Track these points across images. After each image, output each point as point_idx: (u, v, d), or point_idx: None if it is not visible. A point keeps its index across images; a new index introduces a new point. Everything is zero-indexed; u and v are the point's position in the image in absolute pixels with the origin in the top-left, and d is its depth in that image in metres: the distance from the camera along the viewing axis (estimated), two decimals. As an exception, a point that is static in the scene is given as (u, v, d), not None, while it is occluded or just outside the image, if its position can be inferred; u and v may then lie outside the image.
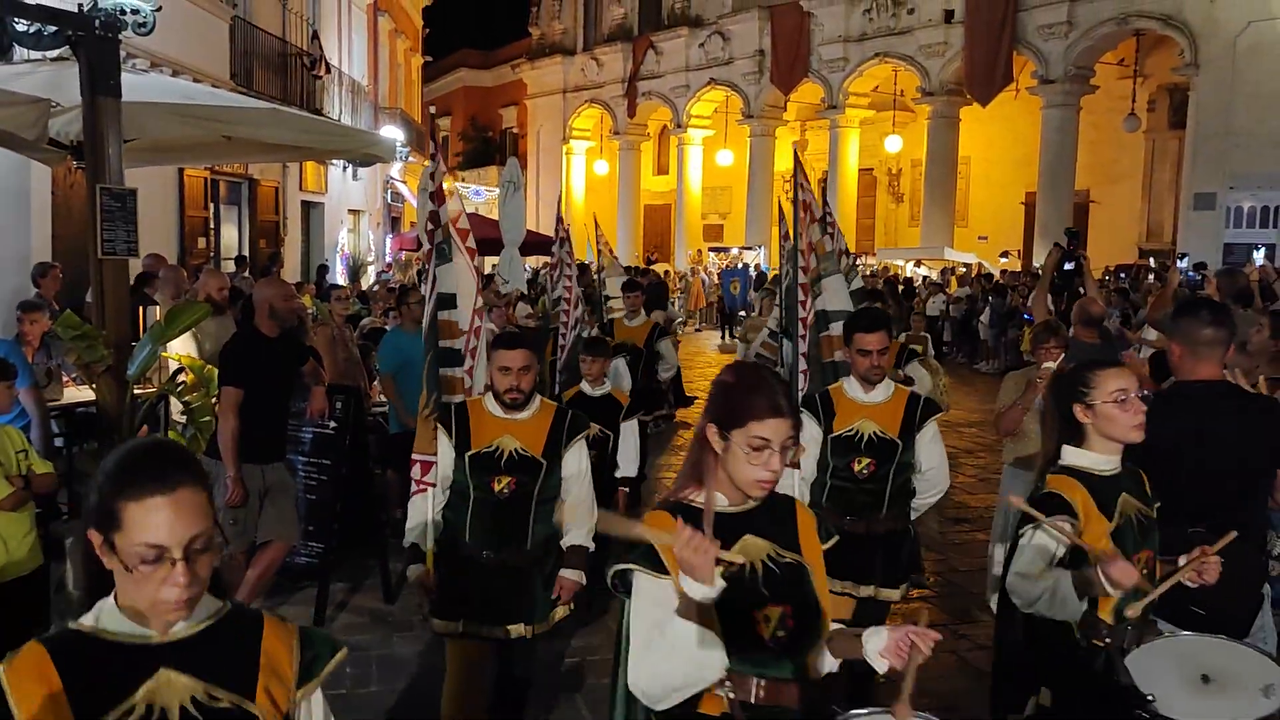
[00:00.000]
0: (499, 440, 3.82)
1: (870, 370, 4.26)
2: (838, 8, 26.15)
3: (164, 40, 10.12)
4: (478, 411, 3.90)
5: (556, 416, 3.95)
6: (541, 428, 3.90)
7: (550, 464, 3.86)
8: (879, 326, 4.29)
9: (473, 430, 3.84)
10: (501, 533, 3.88)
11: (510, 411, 3.85)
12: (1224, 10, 18.63)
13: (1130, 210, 24.72)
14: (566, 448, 3.91)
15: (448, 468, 3.91)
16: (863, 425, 4.26)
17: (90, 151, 6.00)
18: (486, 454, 3.81)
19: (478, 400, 4.02)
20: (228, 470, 5.27)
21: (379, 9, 27.66)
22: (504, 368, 3.81)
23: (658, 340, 8.55)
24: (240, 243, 18.34)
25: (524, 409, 3.87)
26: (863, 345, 4.25)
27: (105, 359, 5.90)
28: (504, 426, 3.85)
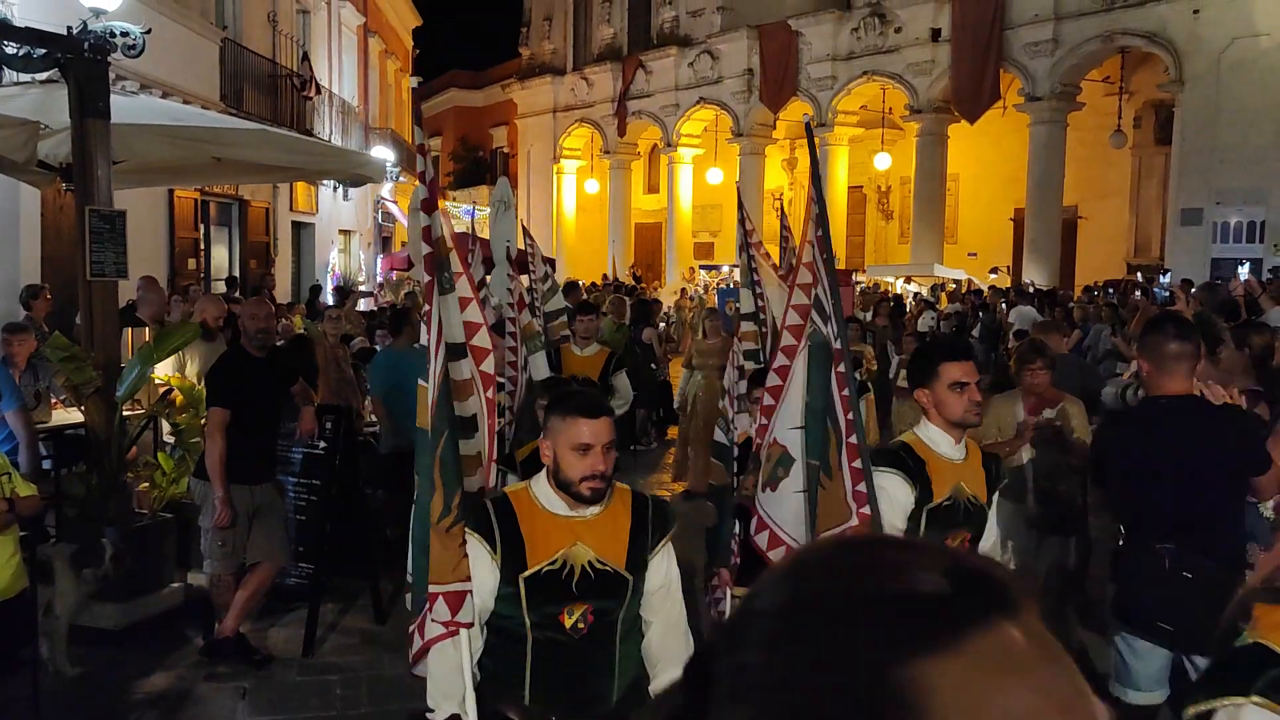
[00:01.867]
0: (567, 551, 2.76)
1: (969, 410, 3.31)
2: (825, 27, 26.32)
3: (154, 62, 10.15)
4: (528, 510, 2.81)
5: (636, 507, 2.90)
6: (620, 525, 2.85)
7: (636, 578, 2.83)
8: (969, 353, 3.51)
9: (528, 539, 2.76)
10: (576, 687, 2.81)
11: (580, 507, 2.79)
12: (1208, 27, 18.80)
13: (1118, 226, 24.85)
14: (653, 551, 2.88)
15: (489, 597, 2.79)
16: (958, 490, 3.37)
17: (79, 173, 6.01)
18: (551, 573, 2.74)
19: (521, 491, 2.88)
20: (215, 491, 5.26)
21: (369, 30, 27.76)
22: (582, 445, 2.74)
23: (613, 372, 7.35)
24: (231, 264, 18.32)
25: (600, 501, 2.81)
26: (956, 377, 3.29)
27: (94, 381, 5.89)
28: (571, 530, 2.79)
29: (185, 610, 6.13)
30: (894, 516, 3.30)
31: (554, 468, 2.78)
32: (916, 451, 3.38)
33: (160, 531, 6.26)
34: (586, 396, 2.98)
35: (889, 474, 3.34)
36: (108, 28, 6.14)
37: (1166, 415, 3.58)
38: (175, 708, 5.06)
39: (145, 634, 5.79)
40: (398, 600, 6.46)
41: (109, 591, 5.55)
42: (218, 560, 5.46)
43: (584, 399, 2.90)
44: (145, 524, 6.19)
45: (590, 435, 2.73)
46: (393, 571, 6.81)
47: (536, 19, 36.51)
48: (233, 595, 5.49)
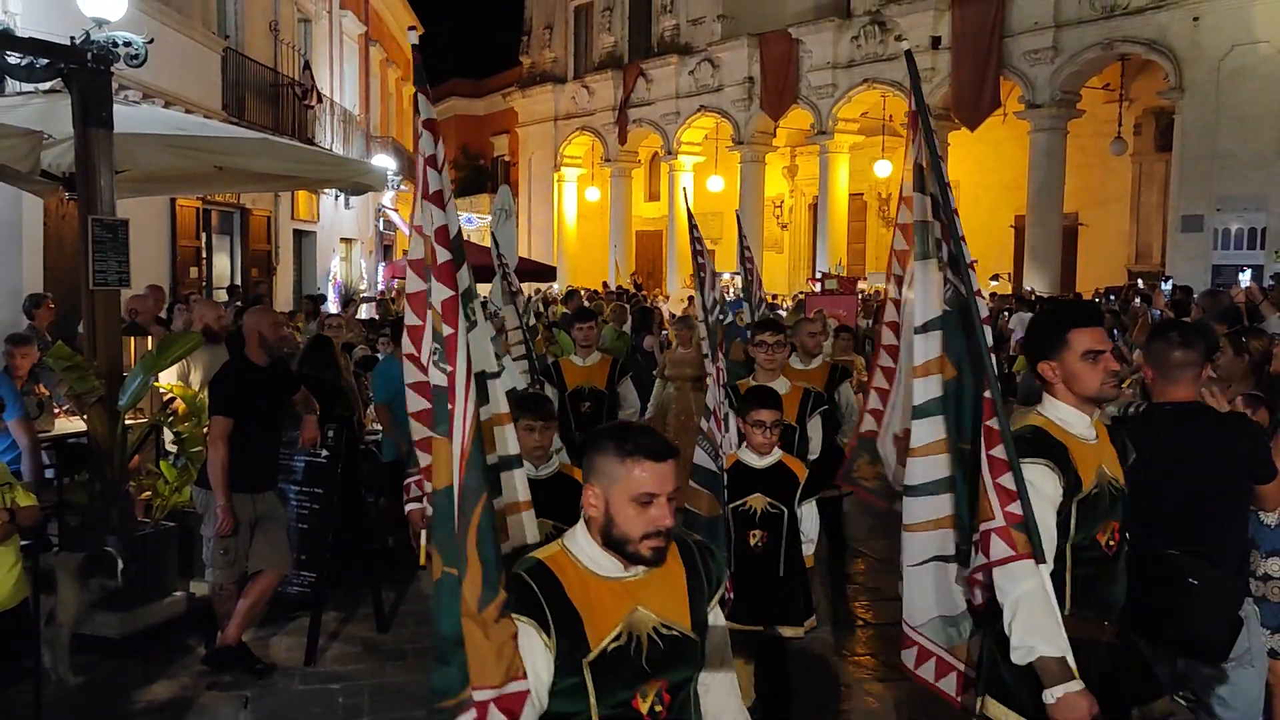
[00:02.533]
0: (628, 620, 2.30)
1: (1106, 383, 2.97)
2: (826, 35, 26.37)
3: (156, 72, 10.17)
4: (575, 577, 2.31)
5: (685, 554, 2.43)
6: (675, 578, 2.40)
7: (701, 639, 2.42)
8: (1100, 317, 3.19)
9: (584, 614, 2.27)
10: None
11: (634, 566, 2.32)
12: (1208, 35, 18.82)
13: (1119, 233, 24.85)
14: (711, 605, 2.46)
15: (544, 694, 2.28)
16: (1101, 475, 2.99)
17: (82, 183, 6.03)
18: (618, 650, 2.27)
19: (558, 555, 2.37)
20: (217, 499, 5.27)
21: (370, 39, 27.84)
22: (645, 495, 2.24)
23: (619, 380, 7.05)
24: (232, 272, 18.35)
25: (662, 561, 2.34)
26: (1088, 345, 2.95)
27: (96, 390, 5.90)
28: (628, 593, 2.32)
29: (187, 619, 6.13)
30: (1045, 514, 2.87)
31: (605, 522, 2.27)
32: (1053, 436, 2.96)
33: (162, 540, 6.27)
34: (651, 435, 2.34)
35: (1034, 464, 2.90)
36: (110, 38, 6.16)
37: (1172, 422, 3.58)
38: (177, 717, 5.05)
39: (147, 643, 5.79)
40: (400, 609, 6.48)
41: (111, 600, 5.55)
42: (220, 569, 5.46)
43: (648, 437, 2.30)
44: (147, 533, 6.19)
45: (656, 483, 2.22)
46: (394, 580, 6.84)
47: (537, 27, 36.59)
48: (235, 604, 5.50)
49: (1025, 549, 2.81)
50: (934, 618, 3.32)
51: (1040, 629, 2.78)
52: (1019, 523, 2.81)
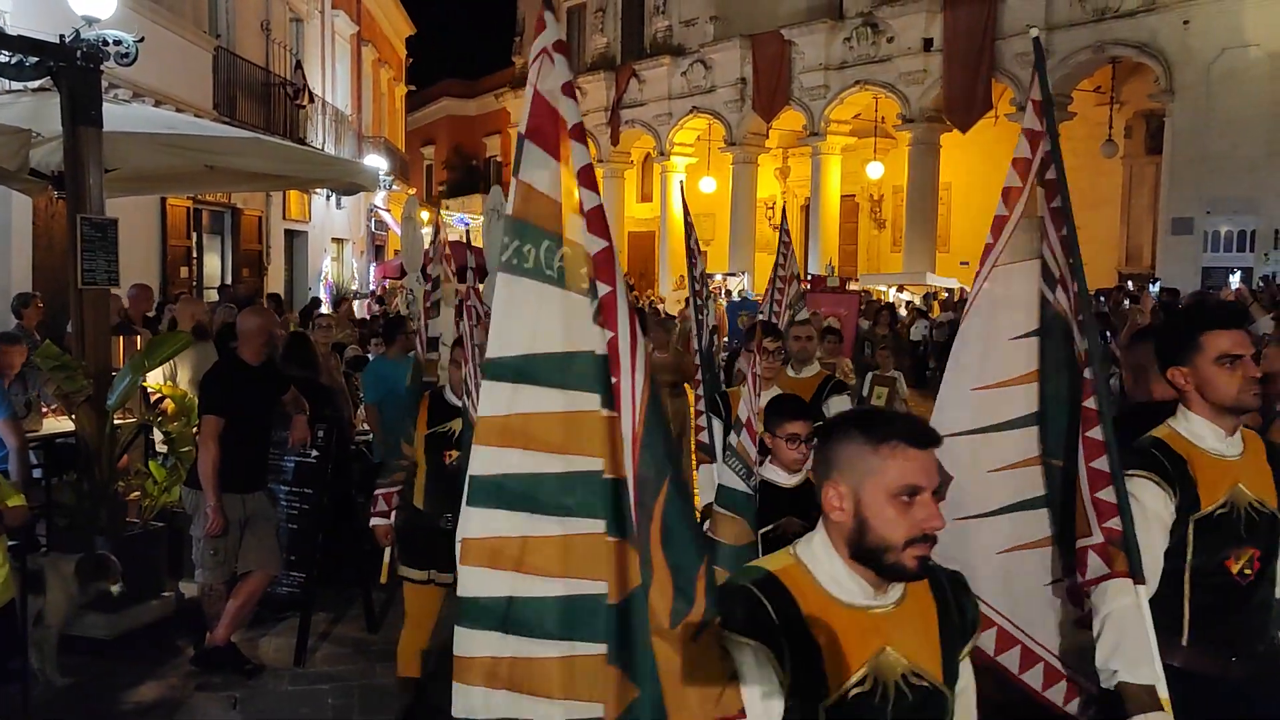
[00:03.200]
0: (875, 663, 1.91)
1: (1245, 391, 2.70)
2: (818, 36, 26.40)
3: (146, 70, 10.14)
4: (816, 601, 1.91)
5: (935, 586, 2.02)
6: (926, 615, 2.00)
7: (951, 694, 2.02)
8: (1241, 319, 2.89)
9: (825, 649, 1.88)
10: None
11: (881, 589, 1.94)
12: (1198, 38, 18.90)
13: (1109, 235, 24.93)
14: (964, 650, 2.06)
15: None
16: (1236, 495, 2.71)
17: (71, 181, 6.01)
18: (860, 699, 1.89)
19: (792, 567, 1.96)
20: (207, 500, 5.24)
21: (362, 39, 27.78)
22: (907, 488, 1.86)
23: None
24: (223, 272, 18.30)
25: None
26: (1225, 349, 2.71)
27: (85, 389, 5.88)
28: (877, 629, 1.92)
29: (176, 620, 6.10)
30: (1149, 532, 2.64)
31: (855, 528, 1.87)
32: (1173, 448, 2.74)
33: (151, 541, 6.24)
34: (908, 417, 1.97)
35: (1140, 478, 2.69)
36: (100, 36, 6.13)
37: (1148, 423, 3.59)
38: (166, 717, 5.03)
39: (136, 644, 5.77)
40: (389, 610, 6.46)
41: (100, 601, 5.52)
42: (209, 569, 5.44)
43: (905, 420, 1.93)
44: (136, 533, 6.16)
45: (921, 474, 1.85)
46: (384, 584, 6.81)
47: (529, 28, 36.57)
48: (224, 604, 5.47)
49: (1122, 566, 2.60)
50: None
51: (1126, 652, 2.55)
52: (1117, 539, 2.61)
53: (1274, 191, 17.99)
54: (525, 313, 2.04)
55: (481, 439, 2.04)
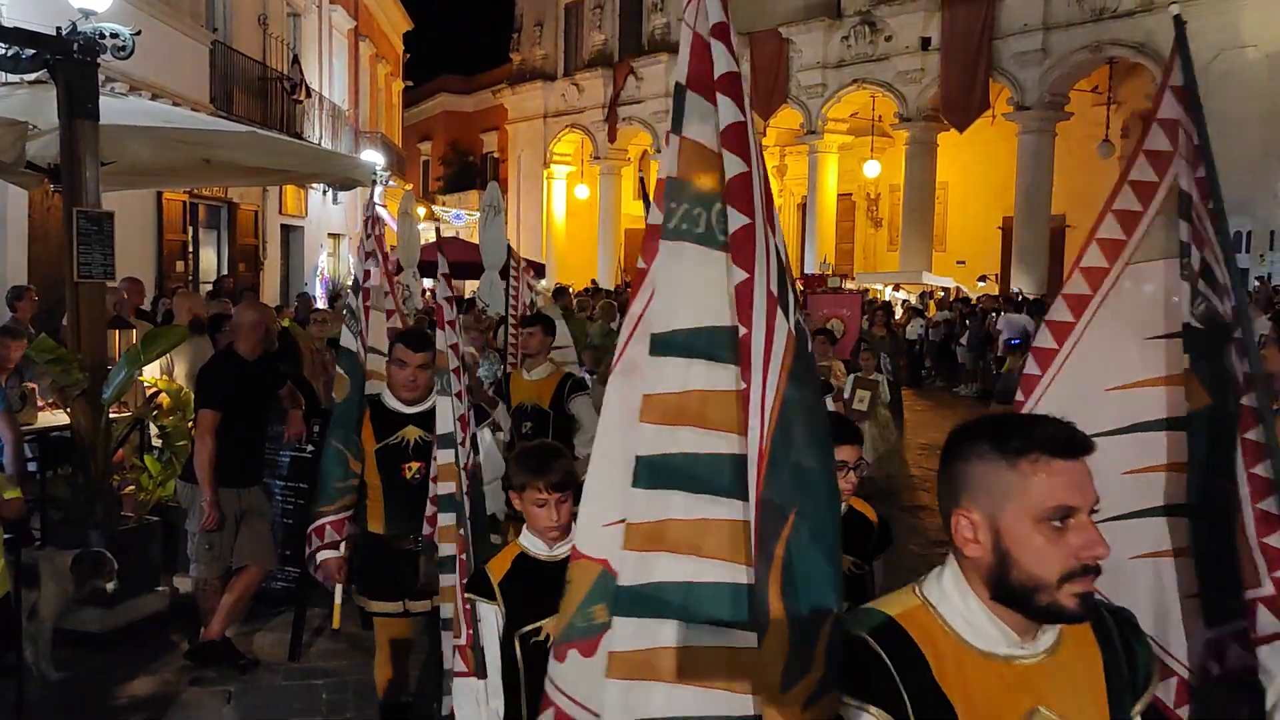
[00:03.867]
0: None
1: None
2: (816, 34, 26.41)
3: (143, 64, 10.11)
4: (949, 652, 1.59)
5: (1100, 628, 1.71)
6: (1090, 665, 1.68)
7: None
8: None
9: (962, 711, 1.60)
10: None
11: (1029, 635, 1.61)
12: (1195, 39, 18.69)
13: (1106, 235, 24.96)
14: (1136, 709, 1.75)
15: None
16: None
17: (67, 174, 6.00)
18: None
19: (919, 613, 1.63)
20: (203, 494, 5.24)
21: (360, 34, 27.74)
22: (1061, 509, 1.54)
23: (570, 397, 5.84)
24: (219, 266, 18.28)
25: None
26: None
27: (80, 383, 5.87)
28: (1026, 685, 1.59)
29: (171, 614, 6.10)
30: None
31: (995, 563, 1.53)
32: None
33: (146, 535, 6.23)
34: (1050, 421, 1.59)
35: None
36: (97, 29, 6.13)
37: None
38: (161, 712, 5.03)
39: (130, 638, 5.76)
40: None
41: (94, 596, 5.52)
42: (204, 564, 5.43)
43: (1048, 425, 1.57)
44: (131, 527, 6.16)
45: (1073, 491, 1.50)
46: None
47: (528, 24, 36.54)
48: (219, 599, 5.47)
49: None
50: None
51: None
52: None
53: (1270, 193, 18.03)
54: (695, 283, 1.80)
55: (651, 416, 1.77)
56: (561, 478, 2.86)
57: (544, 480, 2.84)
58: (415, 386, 4.13)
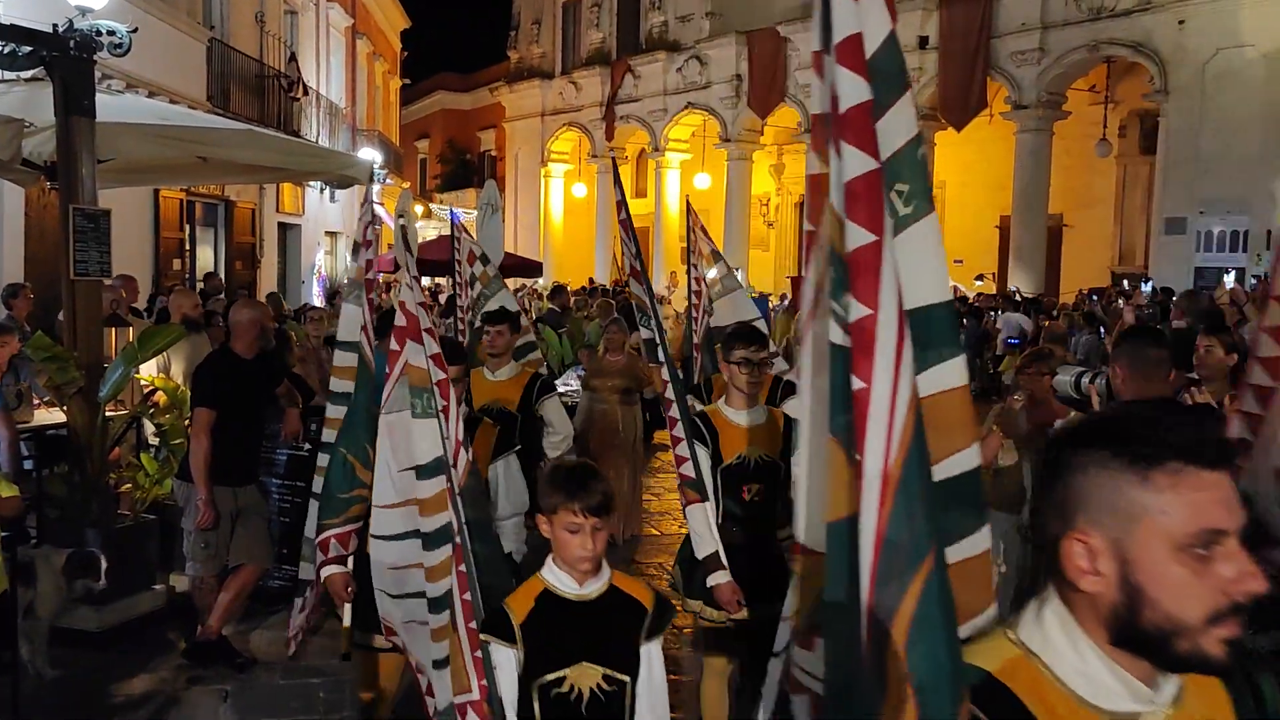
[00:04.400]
0: None
1: None
2: (815, 33, 26.39)
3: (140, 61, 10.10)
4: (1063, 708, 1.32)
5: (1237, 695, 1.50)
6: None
7: None
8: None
9: None
10: None
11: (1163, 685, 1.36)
12: (1193, 38, 18.92)
13: (1103, 234, 24.98)
14: None
15: None
16: None
17: (64, 172, 5.99)
18: None
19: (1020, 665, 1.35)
20: (199, 492, 5.23)
21: (357, 32, 27.70)
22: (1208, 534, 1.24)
23: (540, 399, 5.46)
24: (216, 264, 18.26)
25: None
26: None
27: (77, 381, 5.85)
28: None
29: (168, 612, 6.09)
30: None
31: (1124, 600, 1.27)
32: None
33: (143, 533, 6.22)
34: (1186, 419, 1.32)
35: None
36: (94, 26, 6.11)
37: None
38: (157, 711, 5.02)
39: (127, 636, 5.75)
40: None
41: (91, 594, 5.51)
42: (200, 562, 5.42)
43: (1184, 424, 1.28)
44: (127, 525, 6.15)
45: (1223, 509, 1.24)
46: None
47: (525, 22, 36.50)
48: (215, 597, 5.46)
49: None
50: None
51: None
52: None
53: (1267, 192, 18.03)
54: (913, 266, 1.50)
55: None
56: (600, 500, 2.50)
57: (580, 503, 2.48)
58: None
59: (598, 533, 2.51)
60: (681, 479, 3.89)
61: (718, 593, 3.85)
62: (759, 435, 4.04)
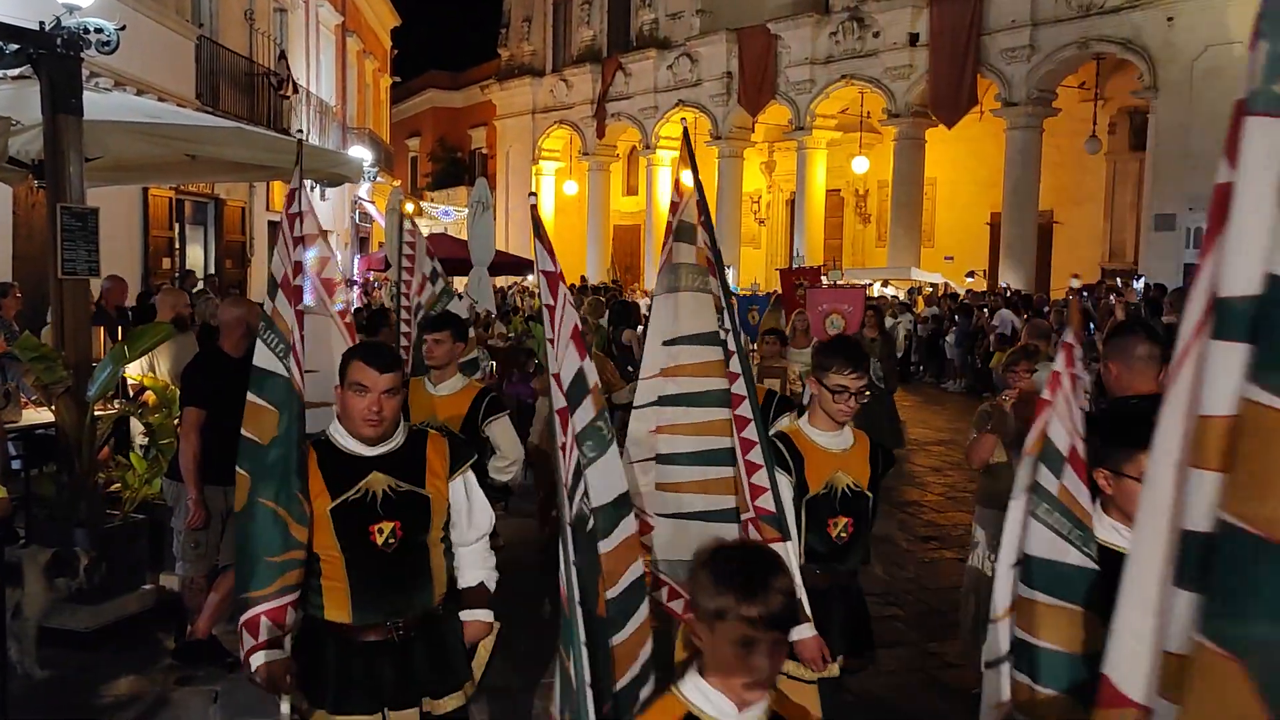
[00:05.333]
0: None
1: None
2: (804, 30, 26.42)
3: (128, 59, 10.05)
4: None
5: None
6: None
7: None
8: None
9: None
10: None
11: None
12: (1182, 34, 18.99)
13: (1093, 231, 25.06)
14: None
15: None
16: None
17: (51, 170, 5.96)
18: None
19: None
20: (188, 492, 5.21)
21: (347, 30, 27.63)
22: None
23: (487, 419, 5.01)
24: (206, 263, 18.19)
25: None
26: None
27: (64, 380, 5.82)
28: None
29: (157, 613, 6.06)
30: None
31: None
32: None
33: (132, 533, 6.19)
34: None
35: None
36: (81, 24, 6.08)
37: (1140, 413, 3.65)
38: (147, 711, 5.00)
39: (116, 636, 5.72)
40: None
41: (80, 594, 5.48)
42: (190, 562, 5.40)
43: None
44: (116, 525, 6.12)
45: None
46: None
47: (515, 20, 36.47)
48: (205, 597, 5.44)
49: None
50: None
51: None
52: None
53: (1256, 188, 18.10)
54: None
55: None
56: (783, 608, 1.86)
57: (760, 608, 1.83)
58: (380, 420, 2.99)
59: (778, 649, 1.88)
60: (757, 514, 3.23)
61: (801, 648, 3.33)
62: (850, 461, 3.56)
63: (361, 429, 3.00)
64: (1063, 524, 2.22)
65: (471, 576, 3.26)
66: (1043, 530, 2.22)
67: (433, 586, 3.11)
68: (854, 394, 3.47)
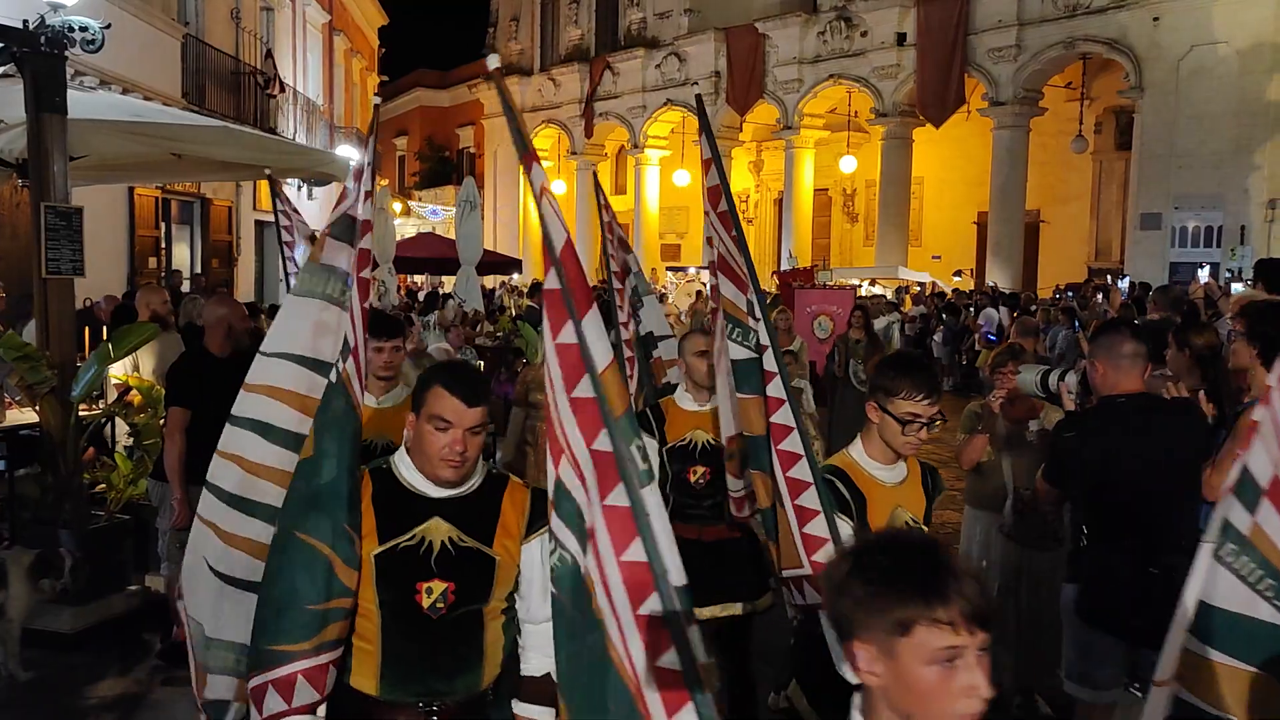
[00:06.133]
0: None
1: None
2: (792, 30, 26.45)
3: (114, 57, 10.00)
4: None
5: None
6: None
7: None
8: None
9: None
10: None
11: None
12: (1167, 35, 19.07)
13: (1079, 230, 25.16)
14: None
15: None
16: None
17: (35, 169, 5.92)
18: None
19: None
20: (173, 492, 5.18)
21: (334, 28, 27.54)
22: None
23: None
24: (192, 263, 18.11)
25: None
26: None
27: (49, 380, 5.79)
28: None
29: (143, 613, 6.03)
30: None
31: None
32: None
33: (117, 534, 6.16)
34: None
35: None
36: (66, 22, 6.05)
37: (1126, 413, 3.67)
38: (132, 713, 4.98)
39: (102, 638, 5.70)
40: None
41: (64, 595, 5.45)
42: (176, 563, 5.36)
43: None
44: (102, 526, 6.09)
45: None
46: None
47: (504, 19, 36.41)
48: (191, 598, 5.41)
49: None
50: None
51: None
52: None
53: (1240, 188, 18.21)
54: None
55: None
56: (980, 601, 1.47)
57: (954, 607, 1.45)
58: (462, 462, 2.47)
59: (982, 656, 1.47)
60: (814, 570, 2.83)
61: None
62: (908, 494, 3.13)
63: (440, 471, 2.46)
64: (1250, 570, 1.81)
65: (537, 664, 2.55)
66: (1228, 576, 1.83)
67: (483, 667, 2.52)
68: (926, 423, 2.96)
